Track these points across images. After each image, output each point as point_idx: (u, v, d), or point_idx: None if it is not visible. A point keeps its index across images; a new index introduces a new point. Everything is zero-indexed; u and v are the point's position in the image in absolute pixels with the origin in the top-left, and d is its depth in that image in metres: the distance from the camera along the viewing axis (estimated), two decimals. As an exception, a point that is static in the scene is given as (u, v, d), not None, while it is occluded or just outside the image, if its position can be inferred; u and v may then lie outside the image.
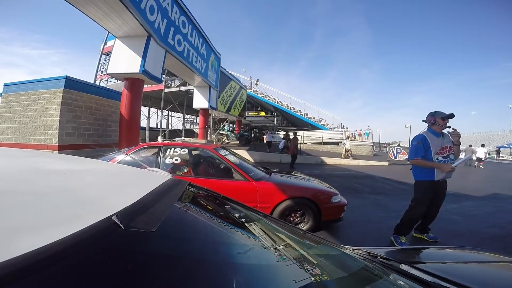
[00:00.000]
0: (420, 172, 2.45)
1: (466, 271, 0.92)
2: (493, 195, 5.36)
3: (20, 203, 0.39)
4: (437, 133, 2.42)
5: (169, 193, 0.69)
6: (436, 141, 2.39)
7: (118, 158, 2.75)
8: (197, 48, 9.85)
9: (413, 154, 2.44)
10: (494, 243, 2.66)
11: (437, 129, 2.42)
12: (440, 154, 2.36)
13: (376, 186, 5.97)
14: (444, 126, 2.39)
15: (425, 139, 2.40)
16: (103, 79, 17.97)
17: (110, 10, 5.28)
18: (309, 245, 0.85)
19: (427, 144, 2.38)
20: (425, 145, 2.38)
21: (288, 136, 12.63)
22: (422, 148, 2.39)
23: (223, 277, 0.47)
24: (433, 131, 2.44)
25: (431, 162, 2.36)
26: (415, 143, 2.45)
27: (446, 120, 2.37)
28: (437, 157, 2.36)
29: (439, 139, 2.40)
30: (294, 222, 2.63)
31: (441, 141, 2.40)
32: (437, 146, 2.37)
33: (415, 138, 2.50)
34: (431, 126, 2.46)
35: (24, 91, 5.55)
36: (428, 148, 2.37)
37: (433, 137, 2.41)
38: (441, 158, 2.36)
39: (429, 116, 2.48)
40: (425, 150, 2.38)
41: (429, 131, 2.46)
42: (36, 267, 0.27)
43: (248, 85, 22.18)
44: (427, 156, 2.38)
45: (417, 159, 2.40)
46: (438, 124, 2.40)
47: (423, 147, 2.38)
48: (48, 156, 0.87)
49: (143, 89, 6.88)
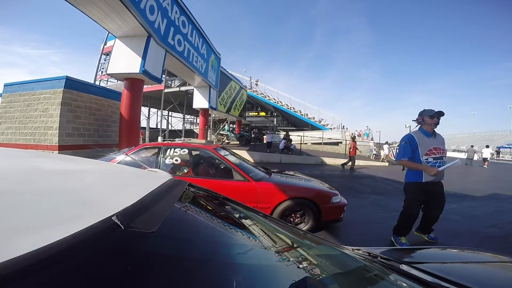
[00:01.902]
0: (409, 173, 2.42)
1: (466, 271, 0.92)
2: (494, 195, 5.36)
3: (20, 203, 0.39)
4: (428, 132, 2.34)
5: (169, 194, 0.69)
6: (427, 141, 2.31)
7: (118, 158, 2.75)
8: (197, 48, 9.85)
9: (400, 155, 2.40)
10: (494, 243, 2.66)
11: (428, 128, 2.34)
12: (430, 154, 2.28)
13: (376, 186, 5.97)
14: (434, 125, 2.31)
15: (412, 139, 2.34)
16: (103, 79, 17.97)
17: (110, 10, 5.28)
18: (309, 245, 0.85)
19: (415, 144, 2.31)
20: (412, 145, 2.32)
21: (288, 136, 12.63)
22: (409, 149, 2.33)
23: (223, 278, 0.47)
24: (423, 130, 2.38)
25: (416, 164, 2.30)
26: (402, 143, 2.40)
27: (435, 119, 2.29)
28: (427, 157, 2.28)
29: (429, 139, 2.32)
30: (294, 223, 2.63)
31: (432, 141, 2.32)
32: (426, 146, 2.29)
33: (403, 138, 2.45)
34: (422, 126, 2.40)
35: (24, 91, 5.55)
36: (415, 148, 2.30)
37: (423, 137, 2.34)
38: (432, 160, 2.28)
39: (418, 115, 2.42)
40: (413, 150, 2.32)
41: (419, 130, 2.40)
42: (36, 267, 0.27)
43: (248, 85, 22.19)
44: (414, 156, 2.31)
45: (403, 160, 2.36)
46: (427, 123, 2.33)
47: (410, 147, 2.32)
48: (48, 156, 0.87)
49: (143, 89, 6.88)
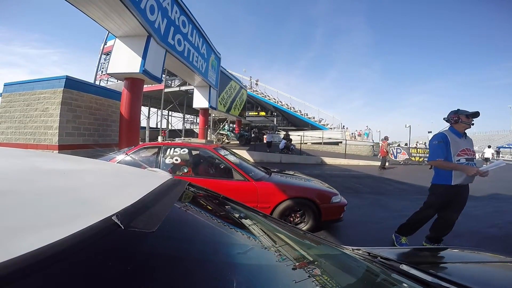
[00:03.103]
0: (438, 175, 2.24)
1: (466, 271, 0.92)
2: (494, 195, 5.36)
3: (20, 203, 0.39)
4: (460, 133, 2.20)
5: (169, 193, 0.69)
6: (458, 141, 2.17)
7: (118, 158, 2.75)
8: (197, 48, 9.85)
9: (435, 155, 2.20)
10: (494, 243, 2.66)
11: (460, 128, 2.19)
12: (463, 155, 2.13)
13: (376, 186, 5.97)
14: (469, 125, 2.17)
15: (446, 138, 2.17)
16: (103, 79, 17.98)
17: (110, 10, 5.28)
18: (309, 245, 0.85)
19: (448, 143, 2.16)
20: (446, 144, 2.16)
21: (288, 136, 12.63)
22: (444, 148, 2.15)
23: (223, 277, 0.47)
24: (455, 130, 2.21)
25: (454, 164, 2.12)
26: (435, 142, 2.22)
27: (470, 119, 2.15)
28: (459, 158, 2.13)
29: (461, 140, 2.18)
30: (294, 222, 2.63)
31: (463, 141, 2.18)
32: (458, 146, 2.15)
33: (435, 136, 2.26)
34: (454, 125, 2.23)
35: (24, 91, 5.55)
36: (448, 148, 2.15)
37: (455, 137, 2.18)
38: (464, 160, 2.13)
39: (452, 113, 2.24)
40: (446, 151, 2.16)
41: (450, 130, 2.24)
42: (36, 267, 0.27)
43: (248, 85, 22.19)
44: (447, 157, 2.16)
45: (439, 161, 2.16)
46: (462, 122, 2.17)
47: (445, 147, 2.15)
48: (48, 156, 0.87)
49: (143, 89, 6.88)
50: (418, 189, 5.75)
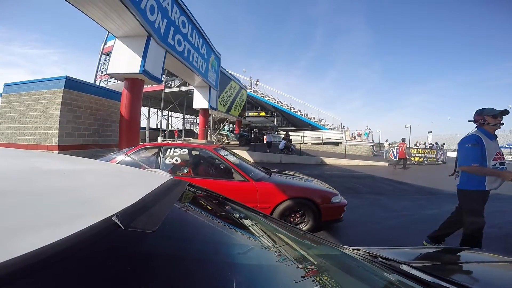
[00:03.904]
0: (468, 180, 2.03)
1: (466, 271, 0.92)
2: (494, 195, 5.34)
3: (20, 203, 0.39)
4: (491, 134, 2.00)
5: (169, 194, 0.69)
6: (492, 144, 1.96)
7: (118, 158, 2.75)
8: (197, 48, 9.85)
9: (470, 159, 1.96)
10: (494, 243, 2.66)
11: (490, 129, 2.00)
12: (497, 159, 1.94)
13: (376, 186, 5.97)
14: (498, 126, 1.98)
15: (481, 141, 1.95)
16: (103, 79, 17.98)
17: (110, 10, 5.28)
18: (309, 245, 0.85)
19: (483, 146, 1.94)
20: (481, 147, 1.94)
21: (288, 136, 12.63)
22: (479, 152, 1.93)
23: (223, 278, 0.47)
24: (486, 132, 2.00)
25: (492, 170, 1.92)
26: (469, 146, 1.98)
27: (499, 118, 1.96)
28: (494, 163, 1.93)
29: (493, 142, 1.97)
30: (294, 223, 2.63)
31: (496, 144, 1.99)
32: (493, 150, 1.95)
33: (468, 139, 2.02)
34: (482, 127, 2.04)
35: (24, 91, 5.55)
36: (483, 152, 1.93)
37: (487, 139, 1.96)
38: (499, 165, 1.94)
39: (476, 115, 2.07)
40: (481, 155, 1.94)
41: (481, 131, 2.02)
42: (36, 267, 0.27)
43: (248, 85, 22.18)
44: (481, 162, 1.94)
45: (474, 166, 1.93)
46: (489, 124, 1.98)
47: (480, 150, 1.93)
48: (48, 156, 0.87)
49: (143, 89, 6.88)
50: (417, 189, 5.75)
